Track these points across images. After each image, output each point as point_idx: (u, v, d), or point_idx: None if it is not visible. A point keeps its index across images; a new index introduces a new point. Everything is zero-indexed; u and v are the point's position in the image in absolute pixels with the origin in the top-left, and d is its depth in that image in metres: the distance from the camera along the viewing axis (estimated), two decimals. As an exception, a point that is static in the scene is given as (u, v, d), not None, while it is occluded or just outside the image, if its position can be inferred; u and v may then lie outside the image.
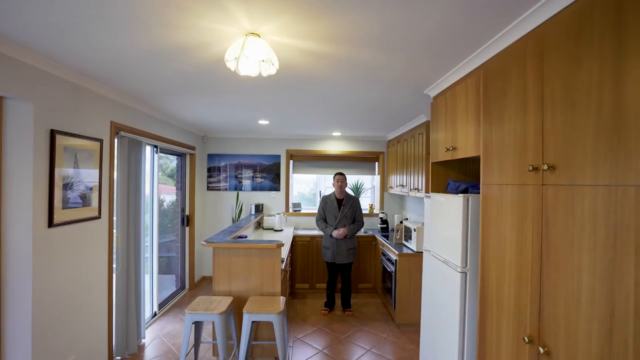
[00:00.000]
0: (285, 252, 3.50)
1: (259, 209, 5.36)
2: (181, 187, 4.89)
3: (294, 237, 4.81)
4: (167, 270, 4.94)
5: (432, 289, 2.49)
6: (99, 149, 2.71)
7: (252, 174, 5.51)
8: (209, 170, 5.49)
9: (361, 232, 5.08)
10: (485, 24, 1.62)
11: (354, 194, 5.63)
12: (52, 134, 2.21)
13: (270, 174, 5.52)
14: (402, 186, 4.59)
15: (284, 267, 3.15)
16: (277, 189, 5.53)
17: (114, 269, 2.99)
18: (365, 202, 5.79)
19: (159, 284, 4.41)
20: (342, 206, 4.05)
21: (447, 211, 2.22)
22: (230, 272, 2.92)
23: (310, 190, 6.54)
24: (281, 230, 4.99)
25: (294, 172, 5.70)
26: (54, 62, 2.15)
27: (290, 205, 5.59)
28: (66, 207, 2.35)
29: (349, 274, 4.13)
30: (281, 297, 2.83)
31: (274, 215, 5.07)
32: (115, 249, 2.99)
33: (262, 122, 4.31)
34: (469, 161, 2.69)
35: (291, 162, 5.63)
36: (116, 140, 2.99)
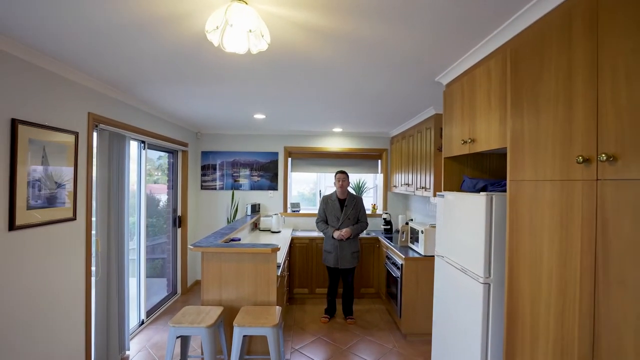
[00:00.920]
0: (282, 256, 3.23)
1: (256, 209, 5.09)
2: (173, 186, 4.61)
3: (292, 239, 4.54)
4: (159, 273, 4.67)
5: (446, 300, 2.21)
6: (73, 142, 2.43)
7: (248, 173, 5.23)
8: (203, 168, 5.22)
9: (363, 233, 4.81)
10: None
11: (356, 194, 5.35)
12: (14, 124, 1.93)
13: (267, 173, 5.25)
14: (407, 185, 4.31)
15: (280, 273, 2.87)
16: (275, 188, 5.26)
17: (93, 275, 2.71)
18: (367, 202, 5.49)
19: (148, 288, 4.14)
20: (345, 207, 3.77)
21: (465, 212, 1.94)
22: (220, 279, 2.65)
23: (310, 190, 6.26)
24: (279, 231, 4.71)
25: (292, 171, 5.42)
26: (4, 37, 1.85)
27: (288, 205, 5.32)
28: (32, 208, 2.07)
29: (351, 279, 3.85)
30: (277, 307, 2.55)
31: (272, 215, 4.80)
32: (94, 254, 2.72)
33: (258, 117, 4.03)
34: (486, 156, 2.42)
35: (289, 159, 5.35)
36: (95, 133, 2.72)
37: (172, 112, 3.83)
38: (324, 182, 6.16)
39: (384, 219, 4.87)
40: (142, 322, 3.66)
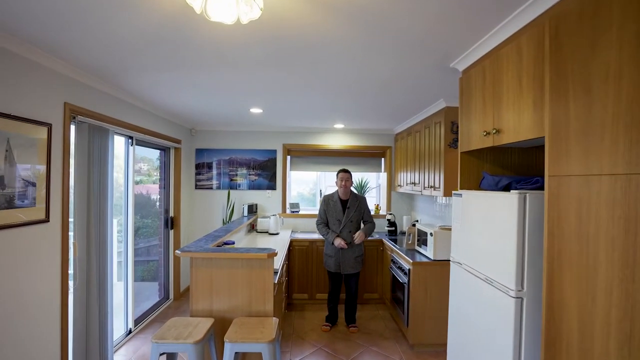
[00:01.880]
0: (279, 261, 2.97)
1: (253, 209, 4.83)
2: (165, 185, 4.35)
3: (291, 242, 4.28)
4: (153, 276, 4.41)
5: (465, 313, 1.96)
6: (46, 135, 2.17)
7: (245, 171, 4.97)
8: (198, 166, 4.95)
9: (366, 235, 4.55)
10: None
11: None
12: (-31, 111, 1.68)
13: (265, 171, 4.99)
14: (413, 184, 4.06)
15: (277, 279, 2.62)
16: (273, 188, 5.00)
17: (71, 283, 2.45)
18: (370, 203, 5.23)
19: (139, 293, 3.89)
20: (348, 209, 3.51)
21: (490, 214, 1.69)
22: (211, 288, 2.39)
23: (310, 190, 6.01)
24: (277, 233, 4.45)
25: (291, 170, 5.16)
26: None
27: (287, 205, 5.06)
28: (-6, 208, 1.81)
29: (355, 285, 3.59)
30: (273, 319, 2.30)
31: (269, 217, 4.54)
32: (72, 259, 2.46)
33: (255, 111, 3.78)
34: (507, 151, 2.17)
35: (288, 157, 5.09)
36: (73, 126, 2.46)
37: (162, 105, 3.57)
38: (324, 181, 5.90)
39: (388, 220, 4.62)
40: (130, 332, 3.39)
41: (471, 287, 1.86)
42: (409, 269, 3.20)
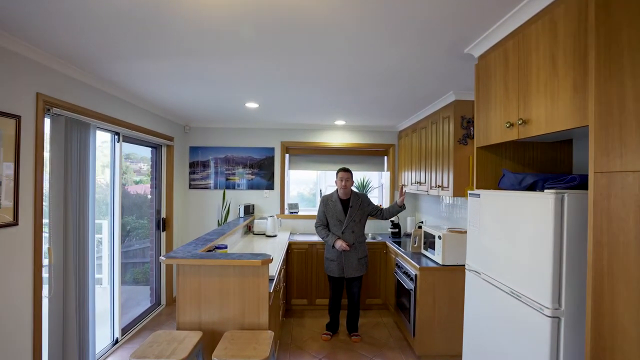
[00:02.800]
0: (276, 267, 2.74)
1: (250, 210, 4.60)
2: (156, 185, 4.12)
3: (290, 244, 4.05)
4: (145, 279, 4.19)
5: (484, 329, 1.73)
6: (14, 129, 1.95)
7: (242, 170, 4.75)
8: (192, 165, 4.73)
9: (369, 238, 4.33)
10: None
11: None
12: None
13: (262, 170, 4.76)
14: (419, 184, 3.83)
15: (273, 288, 2.39)
16: (271, 188, 4.77)
17: (45, 292, 2.23)
18: (372, 203, 5.02)
19: (131, 298, 3.68)
20: (351, 208, 3.28)
21: (517, 217, 1.47)
22: (200, 298, 2.16)
23: (309, 190, 5.78)
24: (274, 235, 4.23)
25: (290, 168, 4.93)
26: None
27: (285, 206, 4.83)
28: (-53, 210, 1.59)
29: (358, 290, 3.36)
30: (268, 333, 2.07)
31: (267, 218, 4.31)
32: (47, 266, 2.23)
33: (251, 106, 3.55)
34: (528, 146, 1.95)
35: (287, 156, 4.86)
36: (48, 120, 2.24)
37: (151, 99, 3.35)
38: (324, 181, 5.68)
39: (392, 222, 4.40)
40: (117, 341, 3.17)
41: (492, 300, 1.63)
42: (416, 275, 2.97)
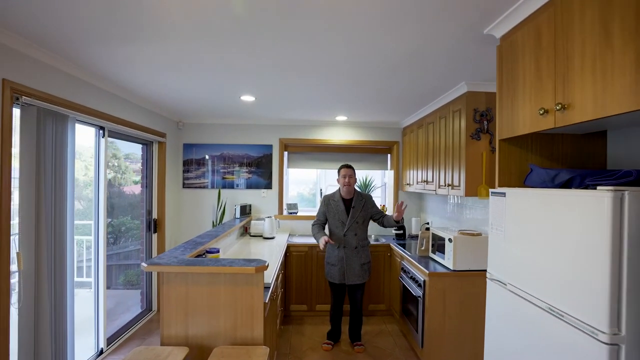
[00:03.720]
0: (273, 272, 2.51)
1: (246, 210, 4.37)
2: (147, 184, 3.89)
3: (289, 247, 3.82)
4: (138, 282, 3.96)
5: (510, 349, 1.50)
6: (-26, 118, 1.72)
7: (238, 169, 4.51)
8: (186, 163, 4.49)
9: (372, 239, 4.10)
10: None
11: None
12: None
13: (260, 168, 4.53)
14: (425, 182, 3.60)
15: (269, 297, 2.16)
16: (269, 187, 4.54)
17: (13, 302, 1.99)
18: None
19: (120, 304, 3.45)
20: (353, 208, 3.05)
21: (555, 220, 1.24)
22: (187, 309, 1.93)
23: (309, 190, 5.55)
24: (272, 237, 3.99)
25: (289, 167, 4.70)
26: None
27: (284, 206, 4.60)
28: None
29: (360, 297, 3.12)
30: (263, 348, 1.84)
31: (264, 218, 4.08)
32: (16, 273, 2.00)
33: (247, 99, 3.31)
34: (556, 138, 1.72)
35: (285, 154, 4.63)
36: (18, 110, 2.00)
37: (141, 92, 3.11)
38: (324, 180, 5.44)
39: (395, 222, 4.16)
40: (101, 352, 2.93)
41: (523, 317, 1.40)
42: (425, 281, 2.75)
